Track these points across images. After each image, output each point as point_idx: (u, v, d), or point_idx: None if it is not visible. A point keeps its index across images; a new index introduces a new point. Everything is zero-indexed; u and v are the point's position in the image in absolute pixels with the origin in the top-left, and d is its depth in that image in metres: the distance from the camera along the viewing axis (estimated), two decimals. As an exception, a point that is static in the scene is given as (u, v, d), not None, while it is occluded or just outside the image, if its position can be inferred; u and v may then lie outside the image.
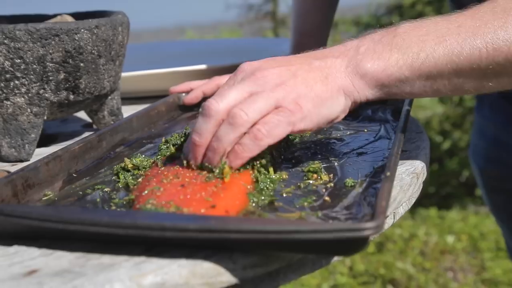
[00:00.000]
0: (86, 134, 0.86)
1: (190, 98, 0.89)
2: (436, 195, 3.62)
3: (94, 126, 0.90)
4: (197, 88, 0.90)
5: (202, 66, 1.03)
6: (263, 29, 4.66)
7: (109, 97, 0.83)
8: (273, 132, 0.55)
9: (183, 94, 0.91)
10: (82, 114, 0.97)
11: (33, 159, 0.74)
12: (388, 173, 0.52)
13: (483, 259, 2.70)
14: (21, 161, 0.73)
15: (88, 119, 0.95)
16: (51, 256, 0.46)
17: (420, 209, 3.33)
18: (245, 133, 0.55)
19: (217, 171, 0.56)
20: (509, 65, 0.57)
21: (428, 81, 0.59)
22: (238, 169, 0.56)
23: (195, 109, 0.91)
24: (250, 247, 0.45)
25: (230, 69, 0.99)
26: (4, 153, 0.73)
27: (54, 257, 0.46)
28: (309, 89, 0.57)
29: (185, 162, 0.58)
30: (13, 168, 0.71)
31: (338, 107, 0.59)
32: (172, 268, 0.44)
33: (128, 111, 0.93)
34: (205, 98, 0.90)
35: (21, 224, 0.47)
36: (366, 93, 0.60)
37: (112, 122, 0.85)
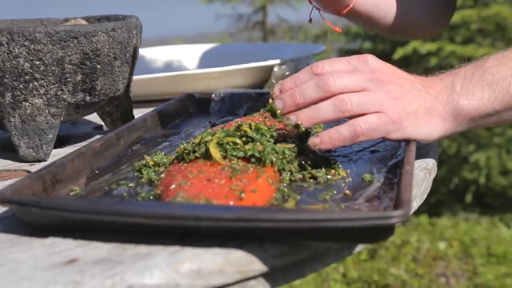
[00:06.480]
0: (97, 136, 0.88)
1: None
2: (426, 202, 3.64)
3: (105, 128, 0.91)
4: None
5: (208, 70, 1.04)
6: (253, 38, 4.70)
7: (122, 99, 0.85)
8: (371, 133, 0.59)
9: (194, 92, 0.92)
10: (91, 117, 0.98)
11: (49, 160, 0.75)
12: (407, 167, 0.54)
13: (474, 265, 2.73)
14: (39, 161, 0.75)
15: (98, 121, 0.96)
16: (88, 246, 0.47)
17: (411, 216, 3.35)
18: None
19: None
20: None
21: None
22: (264, 165, 0.58)
23: (202, 109, 0.91)
24: (281, 236, 0.47)
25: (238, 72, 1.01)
26: (23, 153, 0.74)
27: (90, 247, 0.47)
28: (412, 110, 0.62)
29: (270, 100, 0.61)
30: (32, 168, 0.72)
31: (428, 136, 0.64)
32: (207, 256, 0.45)
33: (137, 114, 0.94)
34: None
35: (57, 216, 0.48)
36: (456, 129, 0.65)
37: (123, 124, 0.86)
